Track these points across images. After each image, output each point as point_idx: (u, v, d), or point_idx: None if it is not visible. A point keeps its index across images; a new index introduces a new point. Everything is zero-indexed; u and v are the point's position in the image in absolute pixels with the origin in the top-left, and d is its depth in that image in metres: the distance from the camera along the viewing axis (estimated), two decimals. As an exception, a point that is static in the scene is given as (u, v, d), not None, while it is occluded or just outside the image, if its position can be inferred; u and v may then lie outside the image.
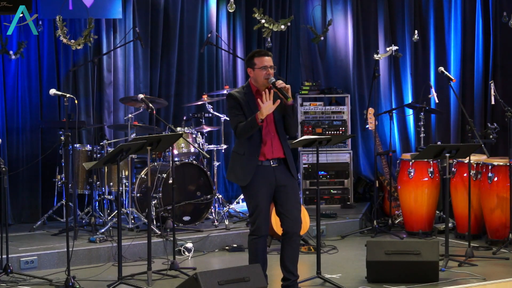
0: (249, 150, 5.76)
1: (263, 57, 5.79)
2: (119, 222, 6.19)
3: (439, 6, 10.09)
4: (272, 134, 5.82)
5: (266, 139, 5.79)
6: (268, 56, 5.81)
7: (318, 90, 9.82)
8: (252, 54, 5.87)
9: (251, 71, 5.83)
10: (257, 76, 5.79)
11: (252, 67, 5.80)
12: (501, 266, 6.96)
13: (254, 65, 5.79)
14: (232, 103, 5.81)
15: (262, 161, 5.76)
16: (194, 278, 5.35)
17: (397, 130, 10.14)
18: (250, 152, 5.76)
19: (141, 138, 6.34)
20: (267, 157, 5.77)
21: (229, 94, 5.86)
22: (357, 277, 6.52)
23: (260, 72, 5.77)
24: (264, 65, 5.77)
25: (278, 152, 5.81)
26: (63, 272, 6.44)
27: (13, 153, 8.44)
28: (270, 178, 5.77)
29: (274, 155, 5.80)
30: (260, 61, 5.77)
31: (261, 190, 5.75)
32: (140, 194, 8.06)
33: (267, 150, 5.78)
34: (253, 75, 5.82)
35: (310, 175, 9.59)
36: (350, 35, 10.18)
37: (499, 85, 9.43)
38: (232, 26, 9.73)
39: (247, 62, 5.87)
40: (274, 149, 5.80)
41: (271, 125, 5.83)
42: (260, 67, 5.77)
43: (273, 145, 5.80)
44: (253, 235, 5.84)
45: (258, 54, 5.82)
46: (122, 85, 8.98)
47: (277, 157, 5.81)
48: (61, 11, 8.27)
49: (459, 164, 8.01)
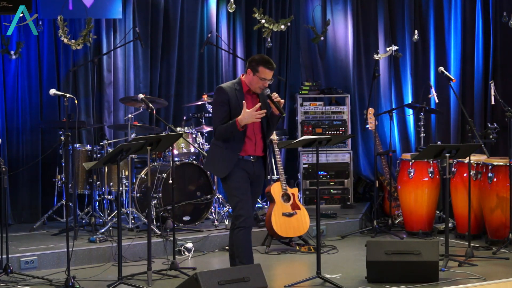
0: (232, 144, 5.88)
1: (269, 71, 5.85)
2: (119, 222, 6.19)
3: (439, 6, 10.09)
4: (257, 133, 5.96)
5: (251, 137, 5.93)
6: (272, 71, 5.88)
7: (318, 90, 9.83)
8: (260, 61, 5.86)
9: (250, 73, 5.87)
10: (254, 82, 5.87)
11: (254, 72, 5.85)
12: (501, 266, 6.96)
13: (256, 72, 5.83)
14: (221, 98, 5.87)
15: (243, 156, 5.91)
16: (194, 278, 5.35)
17: (397, 130, 10.15)
18: (232, 147, 5.88)
19: (141, 138, 6.34)
20: (248, 153, 5.92)
21: (220, 88, 5.92)
22: (357, 277, 6.52)
23: (258, 81, 5.85)
24: (265, 78, 5.84)
25: (260, 151, 6.00)
26: (63, 272, 6.43)
27: (13, 153, 8.44)
28: (249, 171, 5.94)
29: (256, 153, 5.98)
30: (264, 73, 5.83)
31: (243, 182, 5.90)
32: (140, 194, 8.06)
33: (249, 148, 5.93)
34: (250, 79, 5.88)
35: (310, 175, 9.59)
36: (350, 35, 10.18)
37: (499, 85, 9.43)
38: (232, 26, 9.73)
39: (252, 65, 5.87)
40: (257, 147, 5.98)
41: (257, 124, 5.96)
42: (261, 77, 5.84)
43: (256, 144, 5.97)
44: (240, 227, 5.89)
45: (266, 65, 5.84)
46: (122, 85, 8.98)
47: (257, 155, 5.99)
48: (61, 11, 8.27)
49: (459, 164, 8.01)
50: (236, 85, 5.92)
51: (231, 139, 5.87)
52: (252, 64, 5.87)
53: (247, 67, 5.92)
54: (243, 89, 5.91)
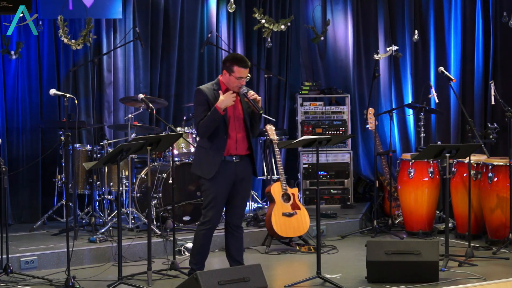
0: (215, 144, 5.95)
1: (244, 69, 5.93)
2: (119, 222, 6.19)
3: (439, 6, 10.09)
4: (239, 130, 6.01)
5: (232, 135, 5.98)
6: (247, 68, 5.96)
7: (318, 90, 9.82)
8: (234, 61, 5.96)
9: (226, 73, 5.95)
10: (231, 82, 5.95)
11: (229, 72, 5.93)
12: (501, 266, 6.96)
13: (232, 72, 5.92)
14: (201, 99, 5.94)
15: (225, 157, 5.95)
16: (194, 278, 5.35)
17: (397, 130, 10.15)
18: (216, 147, 5.94)
19: (141, 138, 6.34)
20: (230, 153, 5.97)
21: (198, 89, 6.00)
22: (357, 277, 6.51)
23: (235, 81, 5.93)
24: (241, 76, 5.92)
25: (242, 149, 6.03)
26: (63, 272, 6.44)
27: (13, 153, 8.44)
28: (230, 174, 5.98)
29: (238, 152, 6.01)
30: (239, 72, 5.92)
31: (221, 185, 5.96)
32: (140, 194, 8.06)
33: (231, 146, 5.98)
34: (227, 79, 5.96)
35: (310, 175, 9.59)
36: (350, 35, 10.18)
37: (499, 85, 9.43)
38: (232, 26, 9.73)
39: (226, 66, 5.96)
40: (238, 145, 6.01)
41: (239, 121, 6.02)
42: (237, 76, 5.92)
43: (237, 142, 6.00)
44: (205, 227, 6.02)
45: (240, 64, 5.93)
46: (122, 85, 8.98)
47: (240, 154, 6.01)
48: (61, 11, 8.27)
49: (459, 164, 8.01)
50: (215, 85, 6.02)
51: (214, 138, 5.93)
52: (226, 65, 5.96)
53: (223, 68, 6.00)
54: (221, 89, 6.00)
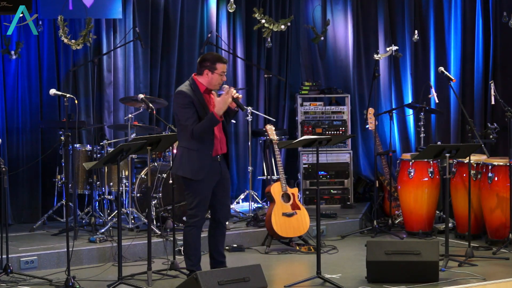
0: (205, 145, 6.01)
1: (224, 64, 6.08)
2: (119, 222, 6.19)
3: (439, 6, 10.09)
4: (220, 129, 6.13)
5: (217, 135, 6.08)
6: (226, 64, 6.12)
7: (318, 90, 9.82)
8: (216, 59, 6.08)
9: (208, 73, 6.04)
10: (213, 80, 6.05)
11: (212, 71, 6.03)
12: (501, 266, 6.96)
13: (215, 70, 6.02)
14: (186, 101, 6.01)
15: (213, 157, 6.05)
16: (194, 278, 5.35)
17: (397, 130, 10.15)
18: (205, 148, 6.01)
19: (141, 138, 6.34)
20: (217, 152, 6.08)
21: (181, 92, 6.05)
22: (357, 277, 6.52)
23: (218, 78, 6.05)
24: (223, 71, 6.05)
25: (224, 147, 6.16)
26: (63, 272, 6.44)
27: (13, 153, 8.44)
28: (217, 173, 6.10)
29: (222, 150, 6.14)
30: (222, 68, 6.05)
31: (208, 185, 6.06)
32: (140, 194, 8.06)
33: (217, 146, 6.08)
34: (210, 78, 6.05)
35: (310, 175, 9.58)
36: (350, 35, 10.18)
37: (499, 85, 9.43)
38: (232, 26, 9.73)
39: (207, 65, 6.05)
40: (221, 145, 6.14)
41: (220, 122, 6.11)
42: (220, 73, 6.04)
43: (221, 141, 6.13)
44: (193, 226, 6.14)
45: (221, 61, 6.07)
46: (122, 85, 8.98)
47: (223, 153, 6.15)
48: (61, 11, 8.27)
49: (459, 164, 8.01)
50: (193, 86, 6.07)
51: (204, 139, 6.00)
52: (207, 64, 6.05)
53: (202, 68, 6.06)
54: (200, 89, 6.07)
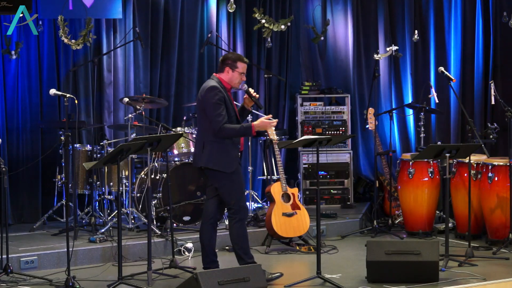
0: (235, 139, 6.22)
1: (245, 64, 6.29)
2: (119, 222, 6.19)
3: (439, 6, 10.09)
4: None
5: None
6: (247, 64, 6.33)
7: (318, 90, 9.82)
8: (237, 58, 6.29)
9: (229, 71, 6.23)
10: (234, 78, 6.25)
11: (233, 69, 6.23)
12: (501, 266, 6.96)
13: (236, 68, 6.22)
14: (219, 96, 6.13)
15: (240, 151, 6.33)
16: (194, 278, 5.35)
17: (397, 130, 10.15)
18: (236, 141, 6.24)
19: (141, 138, 6.34)
20: (241, 148, 6.38)
21: (215, 87, 6.16)
22: (357, 277, 6.52)
23: (238, 76, 6.25)
24: (243, 72, 6.26)
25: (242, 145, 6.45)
26: (63, 272, 6.44)
27: (13, 153, 8.44)
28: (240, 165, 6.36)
29: (242, 147, 6.43)
30: (242, 68, 6.26)
31: (241, 175, 6.29)
32: (140, 194, 8.06)
33: (242, 141, 6.40)
34: (230, 76, 6.24)
35: (310, 175, 9.58)
36: (350, 35, 10.18)
37: (499, 85, 9.43)
38: (232, 26, 9.73)
39: (229, 63, 6.24)
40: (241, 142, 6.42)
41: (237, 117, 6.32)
42: (241, 72, 6.25)
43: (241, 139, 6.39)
44: (242, 219, 6.24)
45: (243, 61, 6.29)
46: (122, 85, 8.97)
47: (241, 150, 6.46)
48: (61, 11, 8.27)
49: (459, 164, 8.01)
50: (219, 84, 6.22)
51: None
52: (228, 62, 6.24)
53: (224, 66, 6.24)
54: (226, 88, 6.25)
